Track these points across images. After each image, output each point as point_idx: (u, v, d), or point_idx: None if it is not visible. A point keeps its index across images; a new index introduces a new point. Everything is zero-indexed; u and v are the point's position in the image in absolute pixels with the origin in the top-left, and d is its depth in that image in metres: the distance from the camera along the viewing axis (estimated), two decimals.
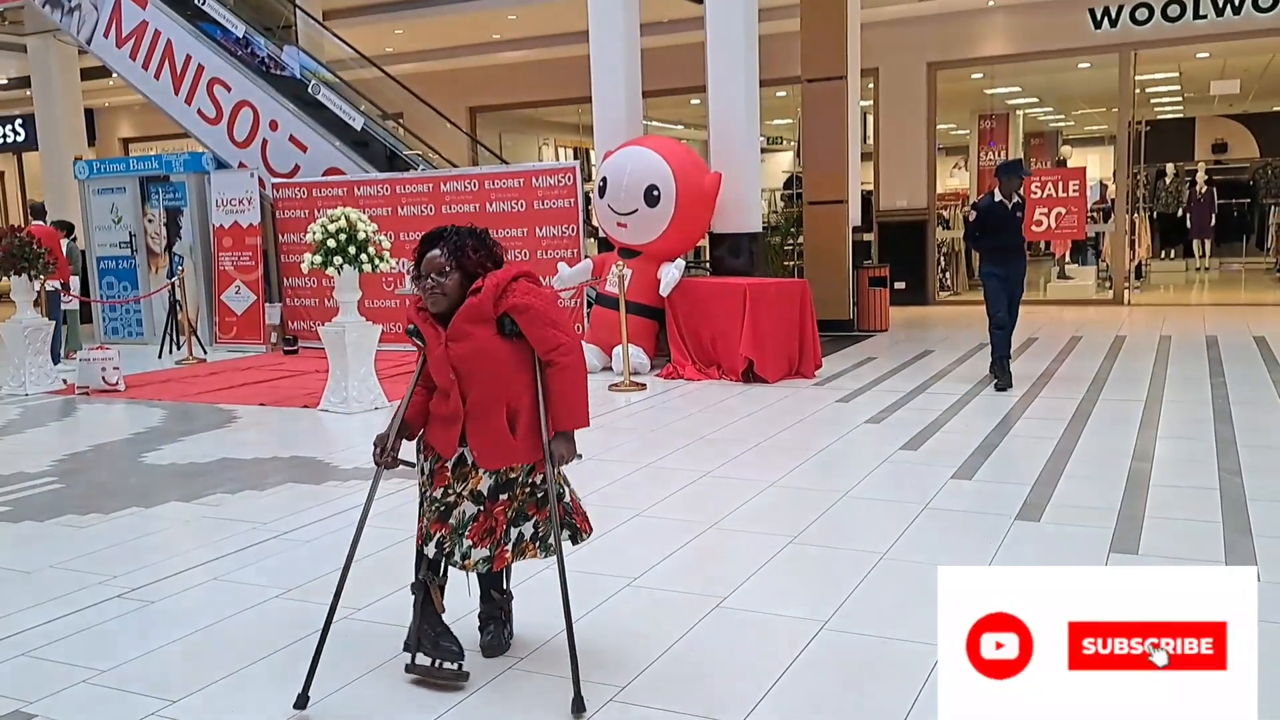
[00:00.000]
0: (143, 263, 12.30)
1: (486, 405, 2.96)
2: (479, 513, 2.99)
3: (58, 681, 3.19)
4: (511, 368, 2.97)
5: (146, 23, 12.07)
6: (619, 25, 9.63)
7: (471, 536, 2.98)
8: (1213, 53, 13.83)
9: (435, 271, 2.94)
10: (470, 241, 2.98)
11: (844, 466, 5.76)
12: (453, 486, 3.01)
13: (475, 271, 2.96)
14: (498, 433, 2.96)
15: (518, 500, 3.04)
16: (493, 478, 3.00)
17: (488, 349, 2.94)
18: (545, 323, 2.94)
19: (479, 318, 2.93)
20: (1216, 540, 4.24)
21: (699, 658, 3.30)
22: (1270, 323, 10.82)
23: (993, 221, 7.59)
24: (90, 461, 6.34)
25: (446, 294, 2.94)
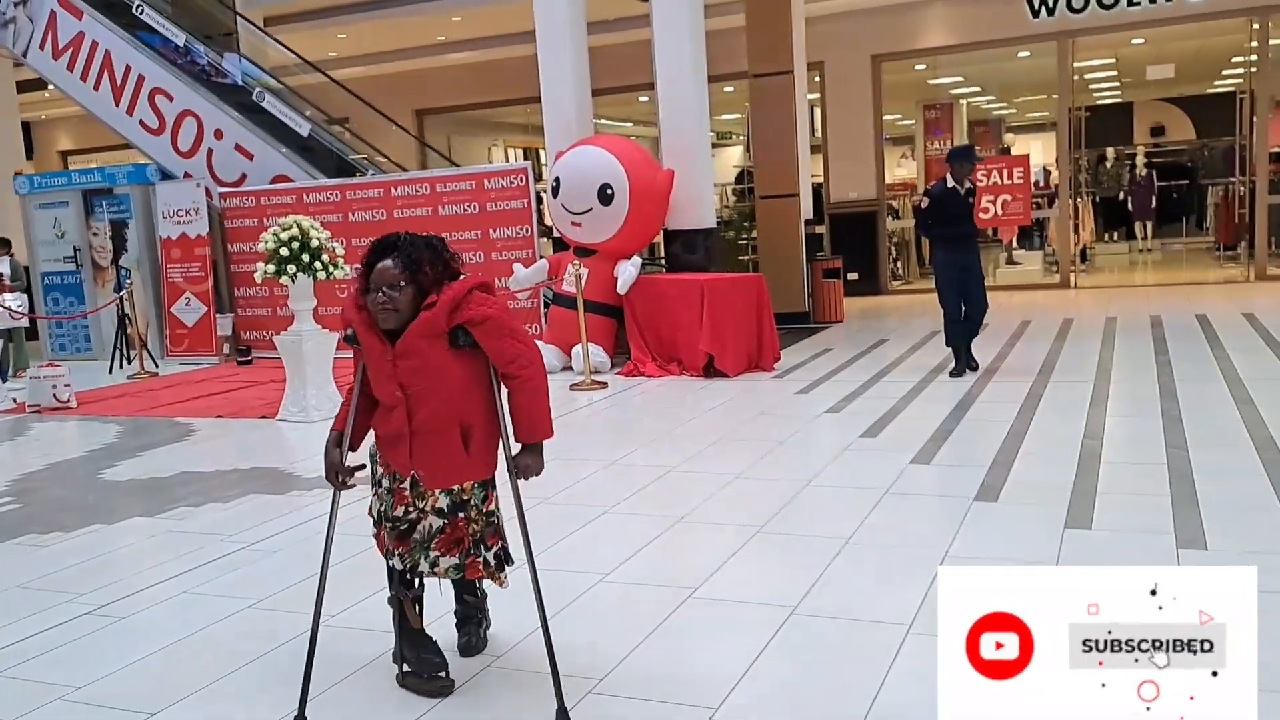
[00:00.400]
0: (89, 277, 12.09)
1: (437, 423, 2.82)
2: (444, 525, 2.92)
3: (32, 700, 3.17)
4: (465, 383, 2.84)
5: (84, 33, 11.87)
6: (565, 25, 9.66)
7: (439, 548, 2.92)
8: (1148, 38, 14.16)
9: (388, 285, 2.74)
10: (427, 254, 2.79)
11: (805, 456, 5.85)
12: (413, 505, 2.93)
13: (430, 287, 2.78)
14: (449, 451, 2.85)
15: (474, 524, 2.96)
16: (448, 498, 2.92)
17: (439, 365, 2.79)
18: (503, 334, 2.81)
19: (431, 333, 2.76)
20: (1166, 514, 4.38)
21: (673, 648, 3.36)
22: (1211, 301, 11.13)
23: (947, 208, 7.45)
24: (48, 480, 6.25)
25: (399, 310, 2.76)
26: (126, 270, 11.58)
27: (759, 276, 9.30)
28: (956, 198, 7.43)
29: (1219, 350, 8.17)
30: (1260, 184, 13.06)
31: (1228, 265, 14.55)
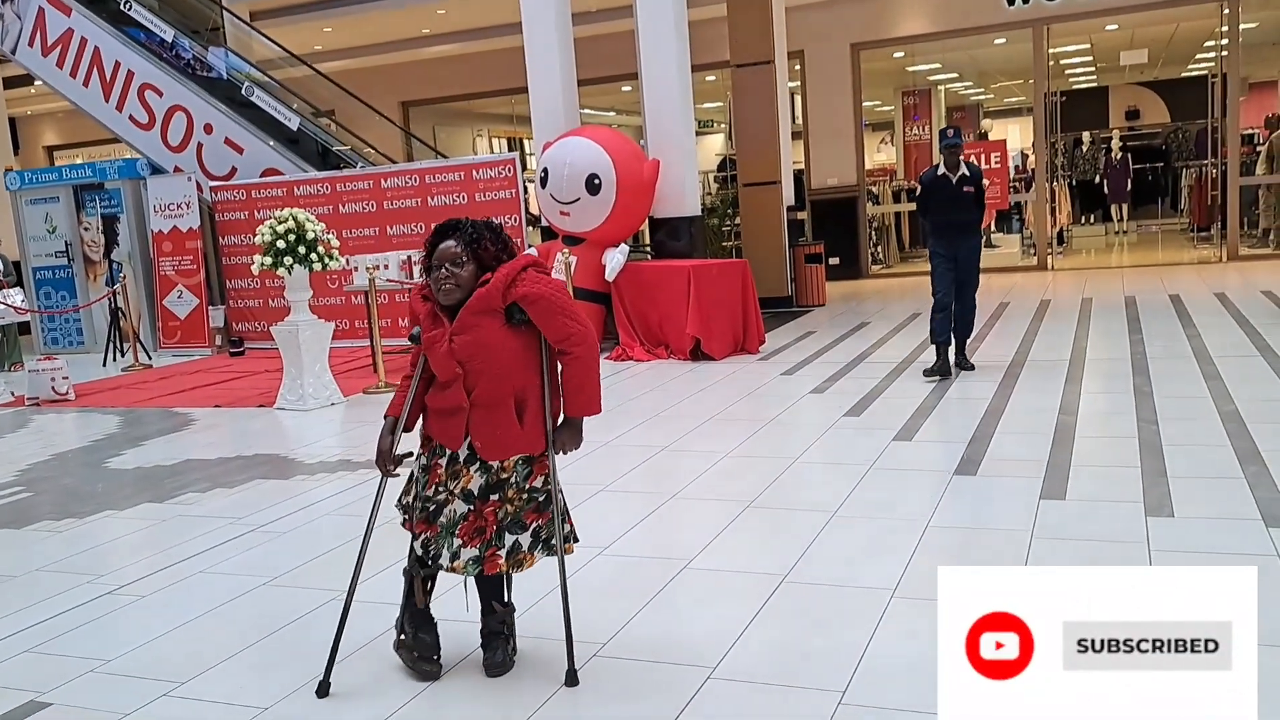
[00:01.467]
0: (80, 272, 12.18)
1: (494, 397, 2.90)
2: (469, 511, 2.95)
3: (67, 672, 3.35)
4: (520, 358, 2.92)
5: (72, 30, 11.93)
6: (551, 17, 9.81)
7: (461, 535, 2.94)
8: (1121, 24, 14.41)
9: (450, 262, 2.87)
10: (488, 234, 2.92)
11: (792, 435, 6.07)
12: (445, 484, 2.97)
13: (490, 264, 2.90)
14: (506, 424, 2.91)
15: (511, 504, 2.98)
16: (484, 476, 2.95)
17: (495, 340, 2.88)
18: (556, 311, 2.88)
19: (486, 308, 2.87)
20: (1136, 484, 4.61)
21: (671, 614, 3.56)
22: (1184, 281, 11.41)
23: (936, 195, 7.25)
24: (55, 469, 6.40)
25: (460, 285, 2.87)
26: (118, 264, 11.68)
27: (743, 262, 9.51)
28: (947, 185, 7.20)
29: (1190, 329, 8.42)
30: (1231, 166, 13.33)
31: (1202, 246, 14.84)
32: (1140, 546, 3.87)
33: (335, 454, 6.24)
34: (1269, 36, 16.49)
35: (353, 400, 7.93)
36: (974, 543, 4.13)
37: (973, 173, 7.25)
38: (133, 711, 3.06)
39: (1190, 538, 3.95)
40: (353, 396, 8.01)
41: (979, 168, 7.55)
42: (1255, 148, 15.38)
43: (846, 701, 2.87)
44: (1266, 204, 14.22)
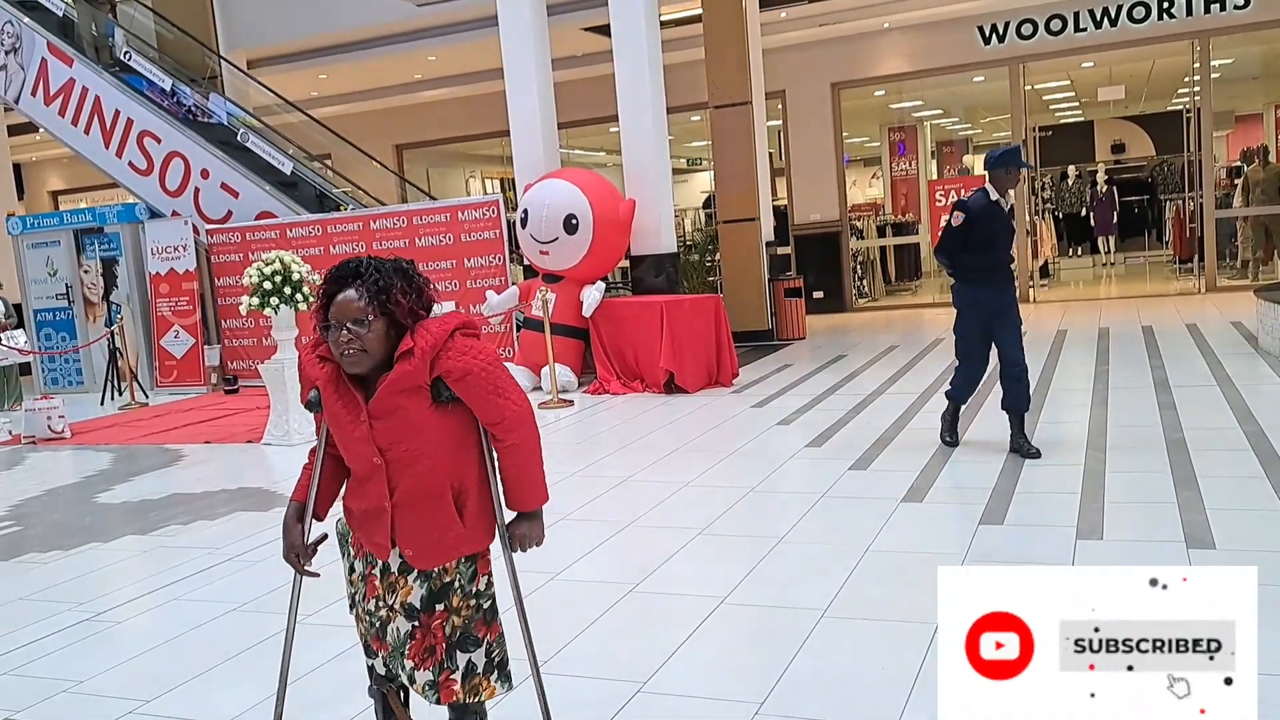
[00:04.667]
0: (80, 313, 12.49)
1: (426, 493, 2.37)
2: (414, 628, 2.42)
3: (41, 693, 3.57)
4: (454, 442, 2.40)
5: (74, 80, 12.32)
6: (531, 65, 10.15)
7: (412, 657, 2.44)
8: (1097, 61, 14.77)
9: (352, 320, 2.26)
10: (398, 281, 2.32)
11: (753, 465, 6.28)
12: (383, 598, 2.45)
13: (404, 321, 2.32)
14: (443, 524, 2.39)
15: (458, 614, 2.44)
16: (424, 585, 2.41)
17: (424, 423, 2.34)
18: (488, 390, 2.36)
19: (411, 385, 2.31)
20: (1073, 509, 4.81)
21: (613, 633, 3.78)
22: (1161, 313, 11.63)
23: (986, 228, 5.63)
24: (45, 504, 6.65)
25: (369, 350, 2.29)
26: (117, 306, 11.98)
27: (716, 297, 9.78)
28: (998, 215, 5.67)
29: (1155, 360, 8.63)
30: (1207, 199, 13.60)
31: (1183, 278, 15.08)
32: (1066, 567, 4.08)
33: None
34: (1250, 71, 16.87)
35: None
36: (909, 565, 4.33)
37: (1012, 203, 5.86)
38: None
39: (1114, 559, 4.15)
40: None
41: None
42: (1234, 181, 15.68)
43: (763, 713, 3.08)
44: (1245, 236, 14.47)
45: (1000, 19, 13.47)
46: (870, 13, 13.46)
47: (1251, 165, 14.74)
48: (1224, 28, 12.89)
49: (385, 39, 14.09)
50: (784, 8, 13.09)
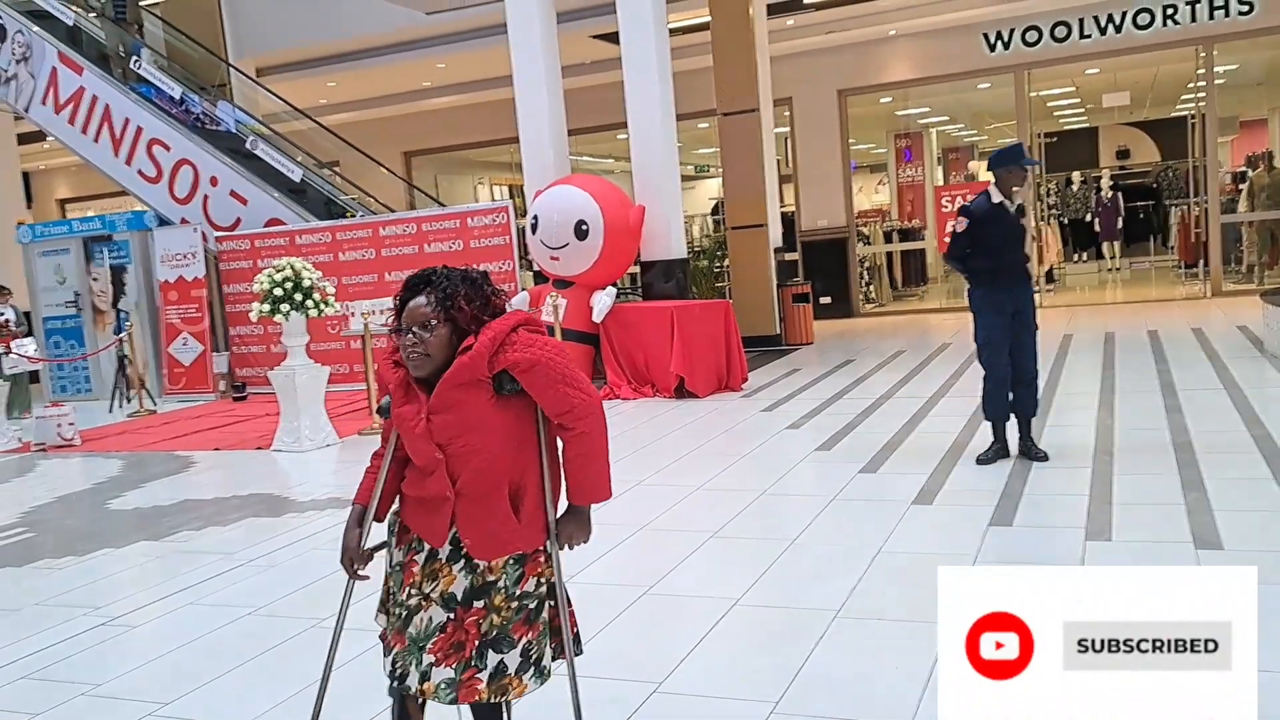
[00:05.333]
0: (89, 321, 12.55)
1: (484, 486, 2.39)
2: (447, 621, 2.38)
3: (60, 696, 3.60)
4: (514, 438, 2.41)
5: (84, 88, 12.40)
6: (541, 72, 10.20)
7: (434, 651, 2.37)
8: (1102, 68, 14.79)
9: (418, 325, 2.35)
10: (463, 289, 2.38)
11: (764, 468, 6.31)
12: (419, 586, 2.42)
13: (467, 326, 2.38)
14: (501, 518, 2.39)
15: (498, 613, 2.41)
16: (469, 579, 2.40)
17: (482, 417, 2.36)
18: (555, 379, 2.36)
19: (470, 379, 2.35)
20: (1081, 512, 4.82)
21: (629, 634, 3.80)
22: (1165, 317, 11.64)
23: (992, 231, 5.63)
24: (57, 511, 6.68)
25: (431, 354, 2.35)
26: (126, 313, 12.04)
27: (726, 302, 9.81)
28: (1004, 217, 5.64)
29: (1162, 364, 8.64)
30: (1213, 204, 13.61)
31: (1189, 282, 15.08)
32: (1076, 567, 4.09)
33: (327, 493, 6.51)
34: (1254, 76, 16.90)
35: (348, 441, 8.20)
36: (920, 567, 4.34)
37: (1019, 203, 5.77)
38: None
39: (1123, 560, 4.17)
40: (348, 438, 8.28)
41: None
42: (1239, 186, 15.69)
43: (779, 711, 3.10)
44: (1250, 241, 14.48)
45: (1005, 26, 13.51)
46: (876, 20, 13.51)
47: (1256, 170, 14.77)
48: (1228, 34, 12.91)
49: (394, 47, 14.16)
50: (791, 15, 13.15)
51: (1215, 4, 12.85)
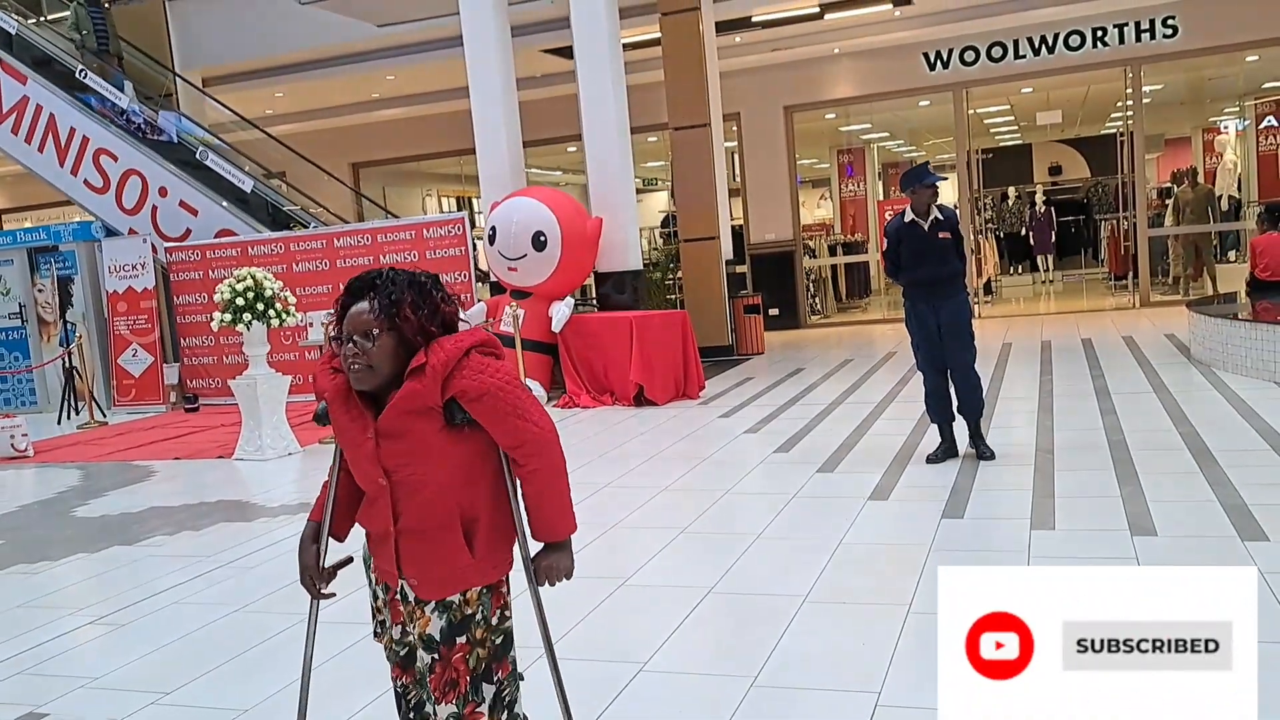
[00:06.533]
0: (34, 332, 12.38)
1: (433, 521, 2.25)
2: (434, 661, 2.29)
3: (60, 689, 3.69)
4: (466, 469, 2.26)
5: (28, 98, 12.26)
6: (497, 83, 10.37)
7: (434, 689, 2.31)
8: (1036, 87, 15.39)
9: (360, 333, 2.18)
10: (410, 295, 2.21)
11: (725, 470, 6.54)
12: (408, 624, 2.33)
13: (413, 337, 2.21)
14: (449, 553, 2.25)
15: (481, 646, 2.32)
16: (443, 617, 2.28)
17: (433, 448, 2.22)
18: (506, 411, 2.22)
19: (420, 406, 2.19)
20: (1026, 504, 5.14)
21: (610, 621, 3.99)
22: (1097, 326, 12.16)
23: (905, 248, 6.05)
24: (23, 520, 6.67)
25: (374, 365, 2.19)
26: (73, 325, 11.91)
27: (683, 313, 10.05)
28: (918, 233, 6.01)
29: (1096, 370, 9.07)
30: (1140, 219, 14.23)
31: (1118, 294, 15.72)
32: (1022, 554, 4.39)
33: (295, 499, 6.59)
34: (1178, 96, 17.71)
35: (309, 450, 8.26)
36: (879, 556, 4.61)
37: (948, 217, 6.07)
38: (125, 717, 3.41)
39: (1066, 546, 4.48)
40: (309, 446, 8.34)
41: (954, 211, 6.38)
42: (1164, 201, 16.42)
43: (758, 684, 3.32)
44: (1176, 254, 15.15)
45: (944, 46, 14.02)
46: (821, 39, 13.92)
47: (1181, 186, 15.47)
48: (1153, 55, 13.55)
49: (344, 58, 14.22)
50: (739, 32, 13.49)
51: (1142, 27, 13.49)
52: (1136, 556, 4.25)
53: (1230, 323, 8.49)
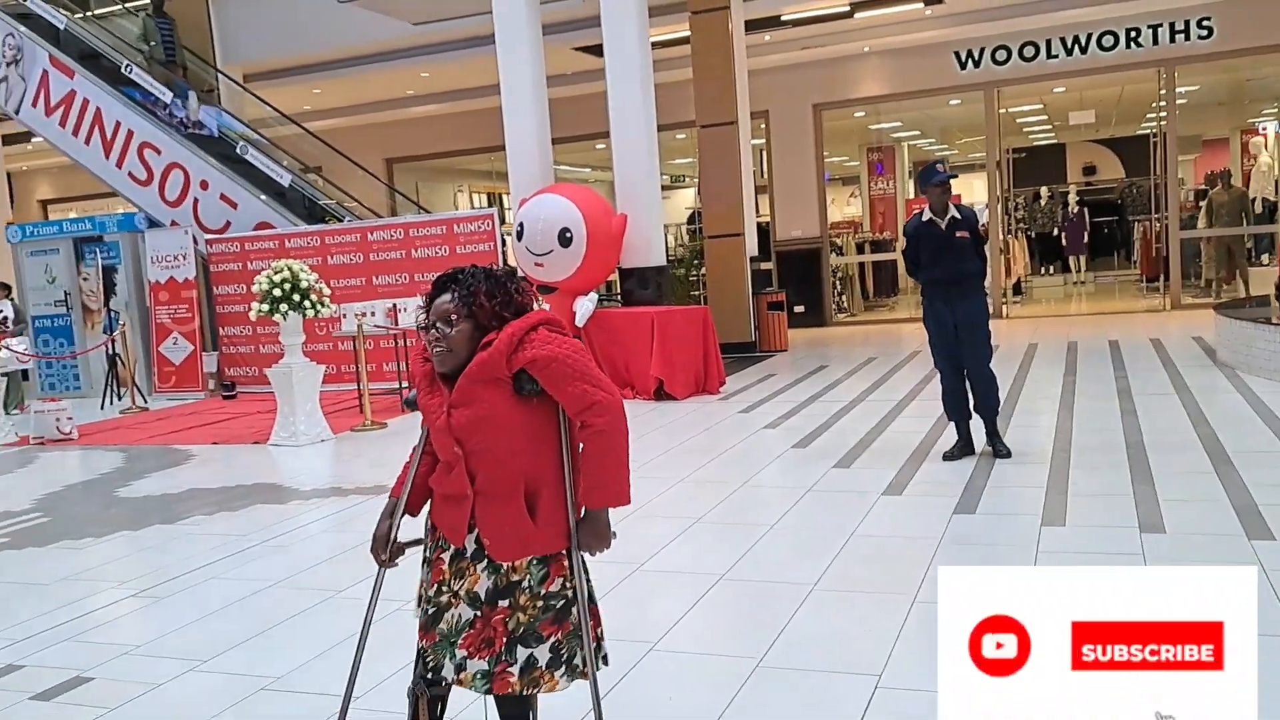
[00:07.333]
0: (79, 320, 12.75)
1: (500, 485, 2.43)
2: (475, 618, 2.45)
3: (104, 656, 3.91)
4: (531, 438, 2.43)
5: (75, 91, 12.62)
6: (528, 82, 10.54)
7: (465, 646, 2.44)
8: (1069, 87, 15.36)
9: (441, 320, 2.43)
10: (484, 285, 2.44)
11: (743, 464, 6.68)
12: (448, 583, 2.48)
13: (488, 323, 2.43)
14: (514, 518, 2.42)
15: (524, 612, 2.45)
16: (491, 579, 2.45)
17: (499, 416, 2.40)
18: (574, 376, 2.37)
19: (489, 376, 2.39)
20: (1039, 500, 5.23)
21: (623, 604, 4.14)
22: (1126, 328, 12.14)
23: (922, 247, 6.13)
24: (68, 498, 6.95)
25: (453, 349, 2.42)
26: (116, 313, 12.26)
27: (704, 309, 10.19)
28: (934, 232, 6.07)
29: (1120, 371, 9.10)
30: (1172, 221, 14.18)
31: (1150, 296, 15.65)
32: (1031, 549, 4.50)
33: (327, 483, 6.82)
34: (1215, 97, 17.57)
35: (342, 437, 8.50)
36: (889, 547, 4.73)
37: (966, 216, 6.12)
38: (165, 682, 3.63)
39: (1075, 542, 4.59)
40: (342, 434, 8.58)
41: (973, 211, 6.44)
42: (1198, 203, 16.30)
43: (765, 664, 3.47)
44: (1208, 256, 15.06)
45: (976, 45, 14.03)
46: (850, 37, 13.98)
47: (1215, 188, 15.37)
48: (1188, 56, 13.49)
49: (380, 55, 14.47)
50: (768, 31, 13.59)
51: (1176, 28, 13.42)
52: (1143, 553, 4.35)
53: (1255, 326, 8.51)
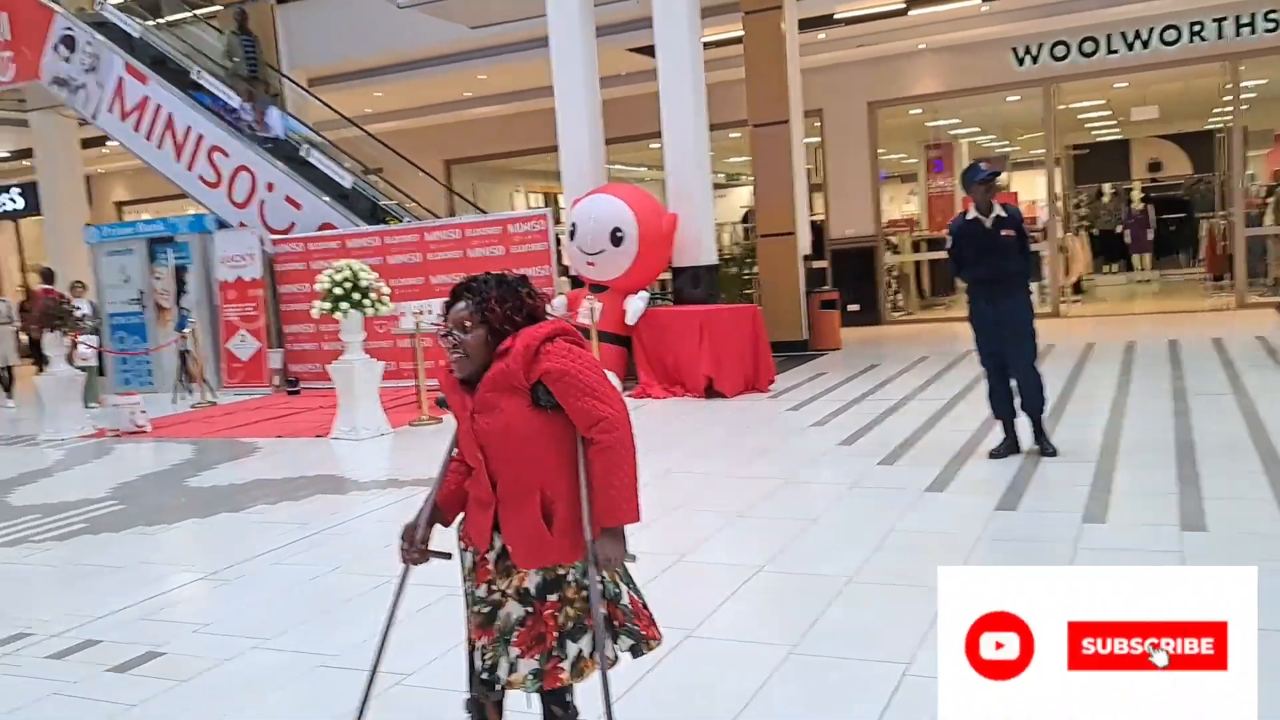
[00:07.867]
0: (152, 317, 13.26)
1: (518, 492, 2.49)
2: (526, 615, 2.52)
3: (175, 632, 4.17)
4: (546, 447, 2.49)
5: (148, 98, 13.12)
6: (580, 83, 10.73)
7: (519, 644, 2.51)
8: (1131, 82, 15.10)
9: (457, 327, 2.50)
10: (495, 291, 2.50)
11: (787, 460, 6.78)
12: (496, 582, 2.55)
13: (501, 327, 2.49)
14: (531, 526, 2.48)
15: (572, 605, 2.54)
16: (539, 574, 2.53)
17: (517, 425, 2.46)
18: (584, 391, 2.43)
19: (508, 386, 2.46)
20: (1082, 499, 5.25)
21: (664, 592, 4.24)
22: (1189, 327, 11.93)
23: (966, 245, 6.17)
24: (141, 488, 7.30)
25: (469, 354, 2.49)
26: (187, 311, 12.72)
27: (754, 307, 10.28)
28: (979, 231, 6.10)
29: (1177, 371, 8.99)
30: (1238, 217, 13.89)
31: (1215, 294, 15.34)
32: (1070, 545, 4.54)
33: (385, 475, 7.08)
34: None
35: (400, 431, 8.76)
36: (929, 543, 4.81)
37: (1011, 215, 6.14)
38: (233, 658, 3.86)
39: (1114, 539, 4.62)
40: (400, 428, 8.85)
41: (1019, 210, 6.42)
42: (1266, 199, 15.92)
43: (796, 652, 3.58)
44: (1276, 254, 14.72)
45: (1034, 41, 13.88)
46: (905, 34, 13.94)
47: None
48: (1255, 50, 13.19)
49: (439, 59, 14.79)
50: (822, 29, 13.60)
51: (1242, 21, 13.13)
52: (1183, 552, 4.37)
53: None
